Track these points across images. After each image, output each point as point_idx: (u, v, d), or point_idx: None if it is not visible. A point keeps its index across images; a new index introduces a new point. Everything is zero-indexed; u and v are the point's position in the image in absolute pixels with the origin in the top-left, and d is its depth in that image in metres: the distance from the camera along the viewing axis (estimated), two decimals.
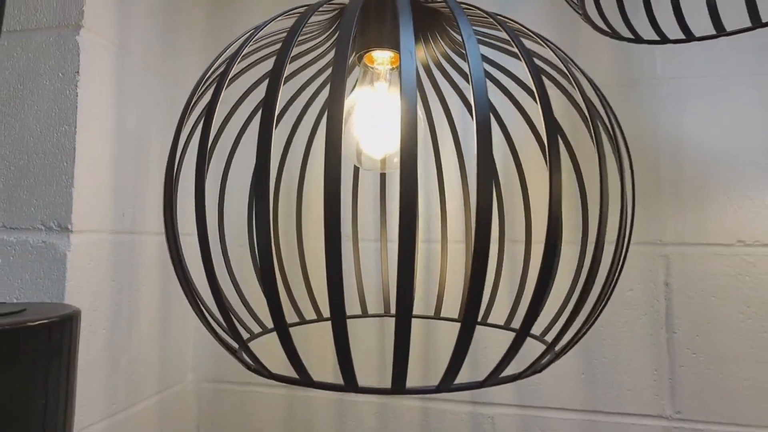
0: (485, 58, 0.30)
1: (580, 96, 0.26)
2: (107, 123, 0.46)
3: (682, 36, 0.33)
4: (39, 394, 0.18)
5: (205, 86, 0.30)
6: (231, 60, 0.25)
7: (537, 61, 0.31)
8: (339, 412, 0.56)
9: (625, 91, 0.53)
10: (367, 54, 0.29)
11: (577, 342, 0.28)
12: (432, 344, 0.55)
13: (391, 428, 0.55)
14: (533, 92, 0.23)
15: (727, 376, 0.49)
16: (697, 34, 0.33)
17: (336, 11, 0.27)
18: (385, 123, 0.29)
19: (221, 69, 0.27)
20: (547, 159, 0.22)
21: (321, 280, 0.42)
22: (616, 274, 0.29)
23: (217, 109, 0.27)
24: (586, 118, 0.26)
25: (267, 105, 0.21)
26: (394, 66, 0.30)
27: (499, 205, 0.42)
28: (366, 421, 0.56)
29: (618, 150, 0.28)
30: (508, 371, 0.24)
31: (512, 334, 0.23)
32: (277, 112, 0.22)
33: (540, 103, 0.22)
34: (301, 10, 0.25)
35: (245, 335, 0.28)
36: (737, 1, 0.30)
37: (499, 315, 0.39)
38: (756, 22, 0.30)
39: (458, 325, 0.21)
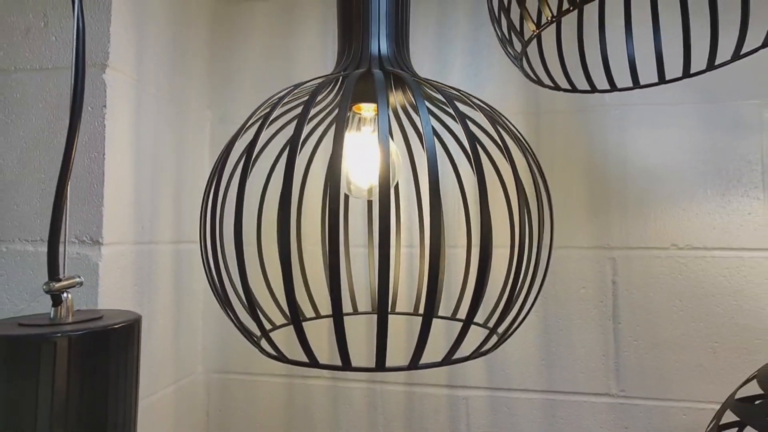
0: (442, 106, 0.37)
1: (504, 147, 0.33)
2: (129, 147, 0.53)
3: (630, 84, 0.42)
4: (120, 381, 0.25)
5: (245, 130, 0.36)
6: (266, 117, 0.32)
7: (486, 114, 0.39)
8: (333, 397, 0.64)
9: (579, 117, 0.61)
10: (356, 105, 0.36)
11: (516, 328, 0.36)
12: (413, 335, 0.63)
13: (378, 409, 0.63)
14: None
15: (663, 359, 0.58)
16: (642, 82, 0.41)
17: (335, 79, 0.34)
18: (370, 160, 0.37)
19: (258, 119, 0.34)
20: (479, 196, 0.29)
21: (317, 282, 0.50)
22: (542, 272, 0.36)
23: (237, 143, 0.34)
24: (511, 163, 0.33)
25: (289, 158, 0.28)
26: (375, 113, 0.37)
27: (467, 220, 0.49)
28: (356, 404, 0.64)
29: (537, 185, 0.36)
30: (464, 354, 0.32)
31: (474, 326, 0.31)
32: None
33: (472, 156, 0.29)
34: (316, 82, 0.32)
35: (266, 327, 0.35)
36: (673, 53, 0.38)
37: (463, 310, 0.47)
38: (686, 74, 0.39)
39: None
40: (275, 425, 0.66)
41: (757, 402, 0.34)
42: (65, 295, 0.26)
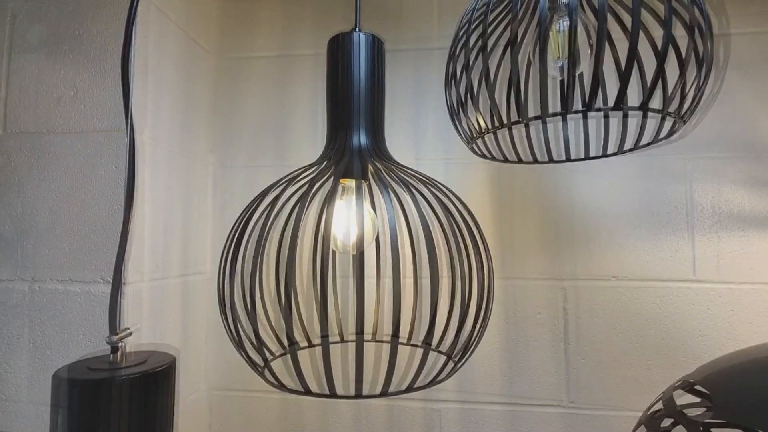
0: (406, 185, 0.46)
1: (459, 218, 0.43)
2: (146, 198, 0.61)
3: (563, 158, 0.51)
4: (162, 409, 0.34)
5: (249, 211, 0.45)
6: (272, 206, 0.41)
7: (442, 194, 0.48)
8: (323, 411, 0.73)
9: (534, 169, 0.71)
10: (342, 179, 0.45)
11: (470, 353, 0.45)
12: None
13: (362, 421, 0.72)
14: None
15: (606, 375, 0.68)
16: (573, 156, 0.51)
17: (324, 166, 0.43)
18: (353, 222, 0.46)
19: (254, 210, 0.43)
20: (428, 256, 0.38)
21: (309, 315, 0.58)
22: (487, 307, 0.45)
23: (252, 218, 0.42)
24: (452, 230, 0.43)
25: (291, 246, 0.36)
26: (363, 183, 0.46)
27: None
28: (343, 418, 0.73)
29: (475, 244, 0.45)
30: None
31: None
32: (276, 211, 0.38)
33: (425, 234, 0.38)
34: (309, 176, 0.41)
35: (268, 359, 0.43)
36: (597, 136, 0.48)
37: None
38: (603, 155, 0.49)
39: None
40: None
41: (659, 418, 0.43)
42: (121, 344, 0.34)
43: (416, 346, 0.52)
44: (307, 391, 0.38)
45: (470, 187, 0.73)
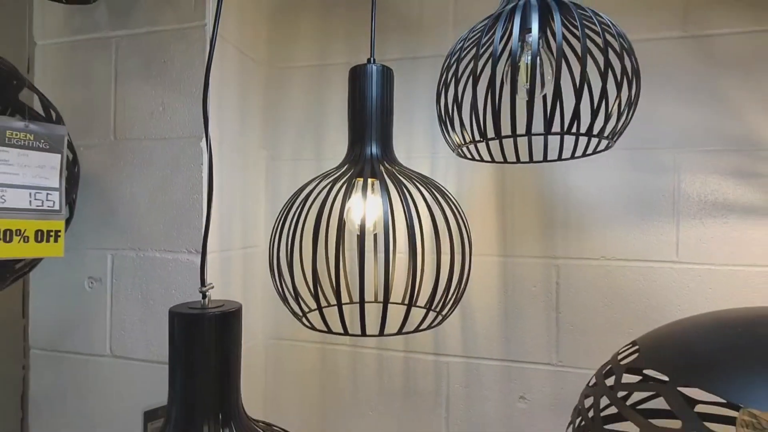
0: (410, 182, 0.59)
1: (444, 210, 0.55)
2: (217, 187, 0.78)
3: (526, 160, 0.62)
4: (235, 342, 0.50)
5: (287, 213, 0.60)
6: (303, 205, 0.56)
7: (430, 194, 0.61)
8: (352, 358, 0.90)
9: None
10: (359, 178, 0.59)
11: (453, 308, 0.58)
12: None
13: (384, 369, 0.88)
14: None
15: (591, 340, 0.79)
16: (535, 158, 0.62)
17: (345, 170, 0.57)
18: (369, 211, 0.60)
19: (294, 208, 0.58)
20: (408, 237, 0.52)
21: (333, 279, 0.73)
22: (467, 275, 0.58)
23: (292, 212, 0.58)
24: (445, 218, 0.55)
25: (321, 219, 0.52)
26: (373, 181, 0.60)
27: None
28: (370, 366, 0.89)
29: (462, 234, 0.57)
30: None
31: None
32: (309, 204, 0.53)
33: (408, 224, 0.52)
34: (333, 177, 0.56)
35: (311, 308, 0.59)
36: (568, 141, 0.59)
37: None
38: (560, 158, 0.59)
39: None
40: (311, 376, 0.93)
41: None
42: (208, 293, 0.50)
43: (420, 307, 0.66)
44: (330, 331, 0.54)
45: (479, 179, 0.85)
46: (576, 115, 0.44)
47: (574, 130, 0.48)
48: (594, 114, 0.46)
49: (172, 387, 0.47)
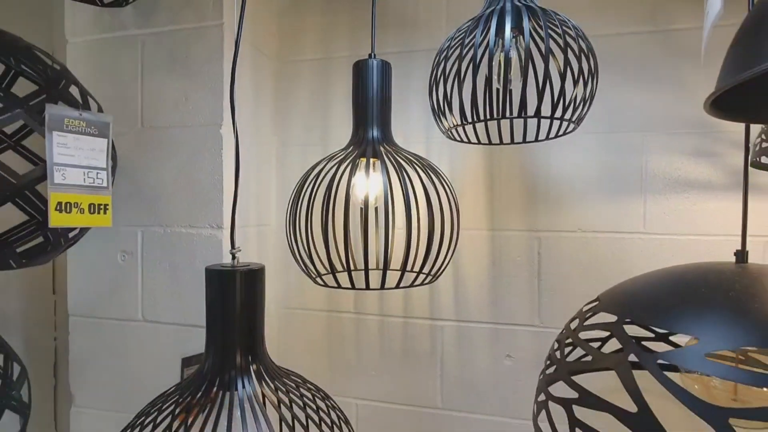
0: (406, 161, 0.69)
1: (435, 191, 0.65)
2: (232, 171, 0.87)
3: (508, 141, 0.71)
4: (259, 296, 0.60)
5: (301, 189, 0.70)
6: (313, 182, 0.65)
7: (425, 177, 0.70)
8: (356, 324, 1.00)
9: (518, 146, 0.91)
10: (362, 158, 0.68)
11: (439, 272, 0.68)
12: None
13: (385, 333, 0.98)
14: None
15: (569, 304, 0.89)
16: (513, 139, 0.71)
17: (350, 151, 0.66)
18: (371, 187, 0.69)
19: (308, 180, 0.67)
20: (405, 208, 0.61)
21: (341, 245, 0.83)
22: (454, 244, 0.67)
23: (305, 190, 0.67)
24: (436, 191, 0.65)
25: (327, 194, 0.61)
26: (374, 161, 0.69)
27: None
28: (372, 330, 0.99)
29: (451, 211, 0.67)
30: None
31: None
32: (318, 182, 0.62)
33: (405, 198, 0.61)
34: (339, 157, 0.65)
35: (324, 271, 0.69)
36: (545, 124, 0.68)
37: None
38: (536, 140, 0.68)
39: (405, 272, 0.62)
40: (319, 341, 1.03)
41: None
42: (237, 254, 0.60)
43: (413, 272, 0.76)
44: (339, 286, 0.64)
45: (469, 161, 0.94)
46: (540, 102, 0.54)
47: (543, 115, 0.57)
48: (555, 104, 0.55)
49: (209, 331, 0.57)
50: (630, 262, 0.86)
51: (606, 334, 0.58)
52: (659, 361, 0.42)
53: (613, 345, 0.52)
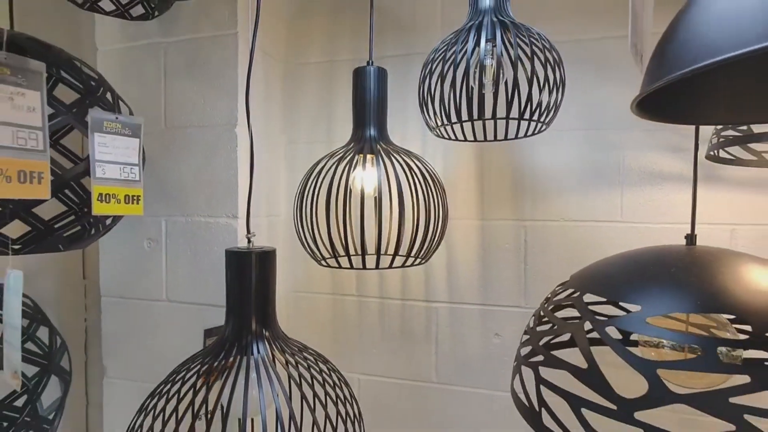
0: (399, 156, 0.77)
1: (422, 178, 0.73)
2: (245, 167, 0.97)
3: (487, 138, 0.79)
4: (272, 274, 0.69)
5: (306, 183, 0.78)
6: (316, 176, 0.74)
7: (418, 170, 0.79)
8: (358, 306, 1.09)
9: (506, 142, 0.99)
10: (360, 154, 0.77)
11: (428, 255, 0.76)
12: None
13: (385, 314, 1.08)
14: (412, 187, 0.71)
15: (551, 286, 0.97)
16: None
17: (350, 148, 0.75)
18: (368, 180, 0.78)
19: (313, 174, 0.76)
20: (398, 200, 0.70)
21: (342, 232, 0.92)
22: (439, 231, 0.76)
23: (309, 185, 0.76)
24: (425, 187, 0.73)
25: (331, 186, 0.70)
26: (372, 156, 0.77)
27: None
28: (372, 311, 1.08)
29: (438, 200, 0.75)
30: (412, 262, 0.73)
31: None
32: (322, 178, 0.71)
33: (397, 191, 0.70)
34: (339, 154, 0.74)
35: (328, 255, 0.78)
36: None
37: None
38: (504, 139, 0.76)
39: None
40: (325, 322, 1.12)
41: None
42: (252, 239, 0.69)
43: (402, 256, 0.85)
44: (339, 266, 0.73)
45: (461, 157, 1.02)
46: (509, 105, 0.62)
47: (513, 116, 0.65)
48: (522, 108, 0.64)
49: (229, 304, 0.66)
50: (608, 248, 0.94)
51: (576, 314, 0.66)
52: (608, 328, 0.50)
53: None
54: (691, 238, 0.64)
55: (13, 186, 0.51)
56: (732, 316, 0.65)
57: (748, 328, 0.47)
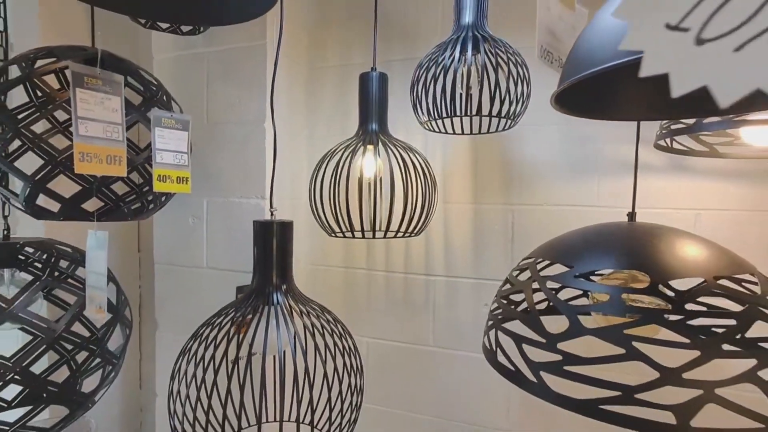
0: (395, 147, 0.92)
1: (414, 167, 0.88)
2: (271, 157, 1.15)
3: (460, 132, 0.93)
4: (290, 242, 0.86)
5: (318, 167, 0.95)
6: (325, 162, 0.91)
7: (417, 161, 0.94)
8: (367, 277, 1.26)
9: (497, 136, 1.12)
10: (363, 145, 0.92)
11: (416, 230, 0.92)
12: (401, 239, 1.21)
13: (390, 285, 1.24)
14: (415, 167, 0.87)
15: None
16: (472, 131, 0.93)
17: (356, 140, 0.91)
18: (367, 166, 0.94)
19: (324, 162, 0.93)
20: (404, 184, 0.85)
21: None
22: (428, 214, 0.91)
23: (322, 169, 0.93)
24: (420, 174, 0.88)
25: (341, 172, 0.86)
26: (373, 147, 0.93)
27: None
28: (379, 283, 1.25)
29: (431, 181, 0.90)
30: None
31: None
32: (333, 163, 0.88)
33: (404, 170, 0.85)
34: (351, 142, 0.90)
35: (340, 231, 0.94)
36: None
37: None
38: (488, 132, 0.90)
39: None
40: (337, 291, 1.29)
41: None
42: (274, 213, 0.86)
43: (393, 231, 1.00)
44: (344, 235, 0.89)
45: (458, 148, 1.16)
46: (491, 105, 0.76)
47: (486, 114, 0.80)
48: (490, 109, 0.78)
49: (255, 263, 0.84)
50: None
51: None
52: (552, 286, 0.64)
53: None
54: (631, 215, 0.77)
55: (104, 166, 0.71)
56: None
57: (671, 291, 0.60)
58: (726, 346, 0.51)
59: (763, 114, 0.66)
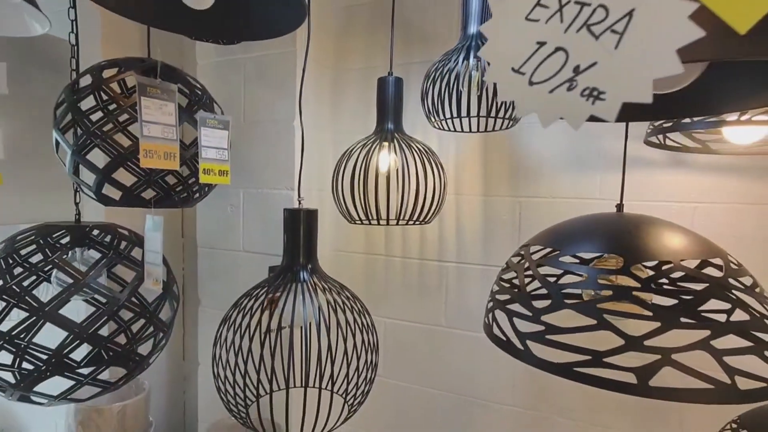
0: (412, 143, 1.03)
1: (428, 163, 0.98)
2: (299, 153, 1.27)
3: (467, 130, 1.02)
4: (315, 226, 0.98)
5: (340, 161, 1.07)
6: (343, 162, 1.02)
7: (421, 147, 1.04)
8: (385, 263, 1.37)
9: (507, 132, 1.20)
10: (379, 142, 1.03)
11: (425, 219, 1.02)
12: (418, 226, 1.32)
13: (407, 270, 1.34)
14: (431, 162, 0.97)
15: None
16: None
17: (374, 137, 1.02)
18: (382, 161, 1.05)
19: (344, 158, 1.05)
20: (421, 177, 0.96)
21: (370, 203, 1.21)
22: (439, 203, 1.01)
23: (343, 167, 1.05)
24: (434, 169, 0.98)
25: (361, 166, 0.98)
26: (389, 144, 1.03)
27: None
28: (396, 268, 1.36)
29: (440, 174, 1.00)
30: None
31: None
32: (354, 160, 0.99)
33: (420, 165, 0.95)
34: (368, 140, 1.01)
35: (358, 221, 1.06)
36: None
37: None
38: (492, 130, 0.99)
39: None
40: (359, 275, 1.41)
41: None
42: (302, 201, 0.99)
43: (404, 220, 1.10)
44: (362, 222, 1.01)
45: (470, 145, 1.25)
46: (492, 106, 0.86)
47: (493, 114, 0.89)
48: (489, 108, 0.87)
49: (285, 245, 0.97)
50: None
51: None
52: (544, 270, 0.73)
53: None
54: (620, 206, 0.85)
55: (162, 161, 0.85)
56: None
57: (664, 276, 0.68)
58: (685, 320, 0.60)
59: (734, 115, 0.72)
